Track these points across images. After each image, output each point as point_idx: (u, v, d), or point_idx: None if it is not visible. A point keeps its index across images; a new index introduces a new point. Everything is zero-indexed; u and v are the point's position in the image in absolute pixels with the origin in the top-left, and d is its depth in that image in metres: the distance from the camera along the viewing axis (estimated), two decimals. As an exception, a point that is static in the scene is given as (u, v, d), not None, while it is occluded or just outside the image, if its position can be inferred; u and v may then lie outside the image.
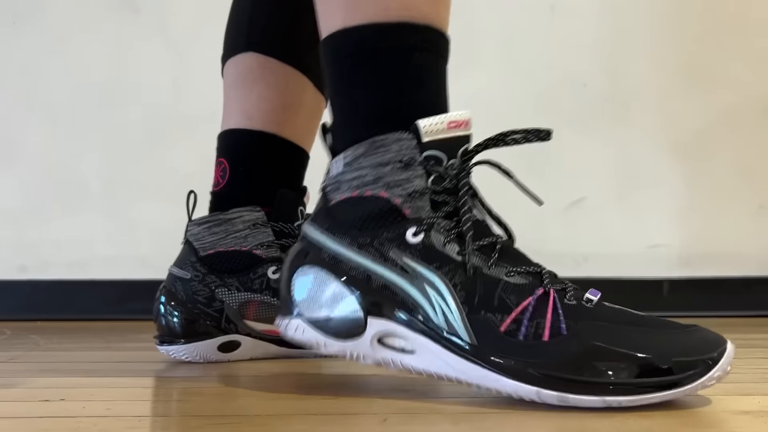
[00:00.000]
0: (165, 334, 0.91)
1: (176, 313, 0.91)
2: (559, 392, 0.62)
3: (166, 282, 0.93)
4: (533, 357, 0.63)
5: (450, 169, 0.68)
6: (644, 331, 0.63)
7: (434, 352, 0.66)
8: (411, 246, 0.66)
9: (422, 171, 0.67)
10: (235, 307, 0.90)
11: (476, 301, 0.65)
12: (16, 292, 1.50)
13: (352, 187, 0.69)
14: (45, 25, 1.53)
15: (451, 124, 0.68)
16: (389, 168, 0.67)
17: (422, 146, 0.67)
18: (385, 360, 0.68)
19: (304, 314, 0.69)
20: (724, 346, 0.63)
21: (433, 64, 0.72)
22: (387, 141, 0.68)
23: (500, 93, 1.54)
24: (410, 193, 0.67)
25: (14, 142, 1.53)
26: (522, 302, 0.64)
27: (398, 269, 0.66)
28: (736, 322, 1.40)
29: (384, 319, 0.67)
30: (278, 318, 0.72)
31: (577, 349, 0.62)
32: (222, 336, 0.90)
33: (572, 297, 0.65)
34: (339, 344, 0.68)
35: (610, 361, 0.62)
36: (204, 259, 0.91)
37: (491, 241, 0.67)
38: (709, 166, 1.55)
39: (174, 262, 0.93)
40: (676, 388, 0.62)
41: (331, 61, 0.72)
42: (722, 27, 1.56)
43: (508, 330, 0.64)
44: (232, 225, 0.91)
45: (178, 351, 0.90)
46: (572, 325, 0.63)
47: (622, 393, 0.61)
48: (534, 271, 0.66)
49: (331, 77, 0.73)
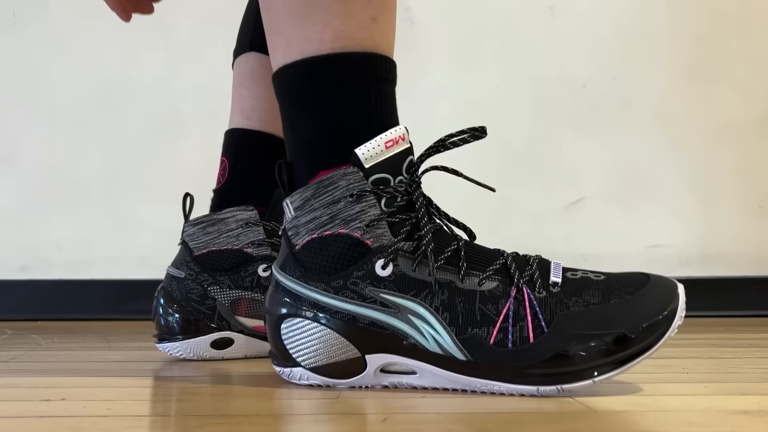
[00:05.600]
0: (163, 332, 0.94)
1: (172, 312, 0.92)
2: (556, 385, 0.66)
3: (164, 282, 0.95)
4: (526, 360, 0.66)
5: (399, 186, 0.69)
6: (611, 306, 0.67)
7: (434, 372, 0.69)
8: (384, 279, 0.68)
9: (374, 199, 0.68)
10: (226, 304, 0.92)
11: (461, 320, 0.67)
12: (17, 292, 1.50)
13: (310, 230, 0.70)
14: (45, 25, 1.53)
15: (387, 144, 0.69)
16: (342, 204, 0.69)
17: (366, 172, 0.68)
18: (391, 383, 0.71)
19: (303, 363, 0.72)
20: (675, 292, 0.68)
21: (374, 88, 0.71)
22: (334, 178, 0.69)
23: (500, 93, 1.54)
24: (368, 224, 0.68)
25: (14, 142, 1.53)
26: (501, 310, 0.67)
27: (379, 305, 0.68)
28: (736, 322, 1.40)
29: (380, 354, 0.69)
30: (275, 366, 0.74)
31: (560, 342, 0.66)
32: (215, 333, 0.92)
33: (540, 287, 0.68)
34: (345, 382, 0.71)
35: (590, 344, 0.66)
36: (198, 258, 0.93)
37: (455, 248, 0.69)
38: (709, 166, 1.55)
39: (171, 262, 0.95)
40: (650, 350, 0.66)
41: (278, 98, 0.73)
42: (722, 27, 1.56)
43: (497, 341, 0.67)
44: (225, 224, 0.93)
45: (173, 348, 0.92)
46: (550, 320, 0.66)
47: (608, 370, 0.66)
48: (501, 266, 0.68)
49: (281, 113, 0.73)
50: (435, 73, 1.55)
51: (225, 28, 1.47)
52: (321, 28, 0.69)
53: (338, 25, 0.68)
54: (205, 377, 0.83)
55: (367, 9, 0.69)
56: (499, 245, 0.72)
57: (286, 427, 0.60)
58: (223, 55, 1.54)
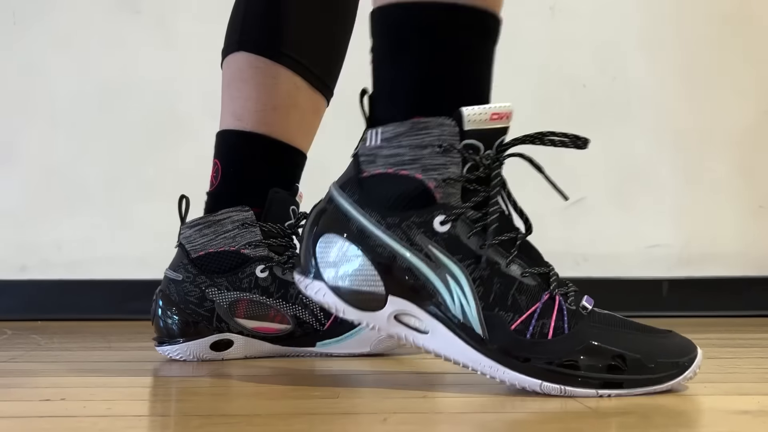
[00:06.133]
0: (163, 335, 0.93)
1: (171, 315, 0.92)
2: (560, 384, 0.67)
3: (162, 284, 0.94)
4: (538, 353, 0.67)
5: (485, 159, 0.69)
6: (632, 334, 0.69)
7: (446, 337, 0.69)
8: (437, 234, 0.68)
9: (459, 158, 0.69)
10: (225, 306, 0.91)
11: (492, 298, 0.68)
12: (17, 292, 1.50)
13: (389, 164, 0.70)
14: (45, 25, 1.53)
15: (494, 116, 0.70)
16: (428, 151, 0.69)
17: (463, 134, 0.69)
18: (399, 335, 0.70)
19: (327, 279, 0.71)
20: (695, 352, 0.70)
21: (482, 46, 0.72)
22: (430, 124, 0.69)
23: (500, 93, 1.54)
24: (445, 179, 0.69)
25: (14, 142, 1.53)
26: (532, 306, 0.68)
27: (423, 255, 0.68)
28: (736, 322, 1.40)
29: (404, 299, 0.69)
30: (297, 275, 0.73)
31: (576, 347, 0.67)
32: (214, 335, 0.92)
33: (572, 302, 0.69)
34: (357, 313, 0.71)
35: (604, 358, 0.67)
36: (195, 260, 0.93)
37: (512, 237, 0.70)
38: (709, 166, 1.55)
39: (169, 265, 0.94)
40: (658, 384, 0.68)
41: (378, 31, 0.72)
42: (722, 27, 1.56)
43: (517, 329, 0.68)
44: (222, 226, 0.92)
45: (173, 351, 0.92)
46: (573, 325, 0.68)
47: (612, 387, 0.67)
48: (544, 272, 0.70)
49: (377, 46, 0.73)
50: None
51: (225, 27, 1.47)
52: None
53: None
54: (204, 377, 0.83)
55: None
56: (499, 245, 0.72)
57: (286, 428, 0.60)
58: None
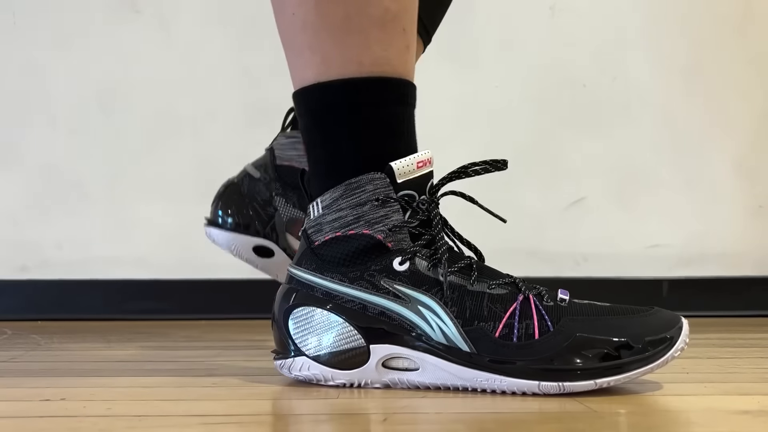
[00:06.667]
0: (216, 218, 0.94)
1: (231, 203, 0.93)
2: (558, 382, 0.68)
3: (237, 176, 0.95)
4: (529, 355, 0.69)
5: (422, 204, 0.73)
6: (616, 319, 0.71)
7: (437, 365, 0.70)
8: (399, 273, 0.72)
9: (398, 207, 0.73)
10: (284, 219, 0.92)
11: (468, 314, 0.70)
12: (17, 292, 1.50)
13: (335, 228, 0.73)
14: (45, 25, 1.53)
15: (419, 164, 0.74)
16: (368, 207, 0.73)
17: (396, 186, 0.72)
18: (392, 381, 0.72)
19: (307, 351, 0.73)
20: (681, 322, 0.72)
21: (405, 113, 0.76)
22: (362, 182, 0.73)
23: (500, 93, 1.54)
24: (390, 228, 0.72)
25: (14, 142, 1.53)
26: (509, 308, 0.70)
27: (392, 296, 0.71)
28: (736, 322, 1.40)
29: (385, 344, 0.72)
30: (277, 361, 0.76)
31: (565, 342, 0.69)
32: (261, 239, 0.92)
33: (549, 299, 0.71)
34: (346, 374, 0.73)
35: (594, 348, 0.69)
36: (278, 168, 0.94)
37: (467, 263, 0.73)
38: (709, 166, 1.55)
39: (253, 161, 0.96)
40: (652, 362, 0.69)
41: (305, 113, 0.76)
42: (722, 27, 1.56)
43: (502, 334, 0.69)
44: None
45: (219, 237, 0.93)
46: (556, 322, 0.70)
47: (609, 374, 0.68)
48: (510, 281, 0.72)
49: (306, 129, 0.76)
50: (435, 73, 1.55)
51: (225, 28, 1.47)
52: (360, 51, 0.72)
53: (378, 51, 0.72)
54: (205, 377, 0.83)
55: (403, 38, 0.74)
56: (500, 245, 0.73)
57: (286, 427, 0.60)
58: (222, 55, 1.54)
